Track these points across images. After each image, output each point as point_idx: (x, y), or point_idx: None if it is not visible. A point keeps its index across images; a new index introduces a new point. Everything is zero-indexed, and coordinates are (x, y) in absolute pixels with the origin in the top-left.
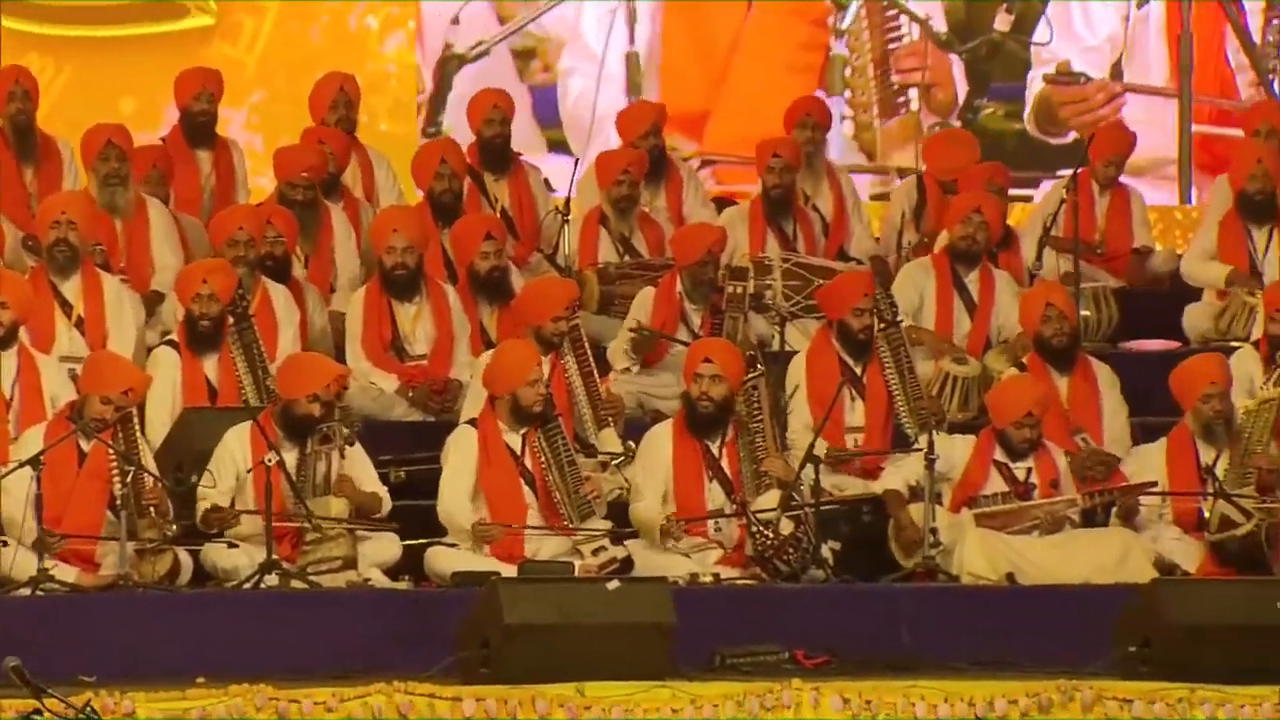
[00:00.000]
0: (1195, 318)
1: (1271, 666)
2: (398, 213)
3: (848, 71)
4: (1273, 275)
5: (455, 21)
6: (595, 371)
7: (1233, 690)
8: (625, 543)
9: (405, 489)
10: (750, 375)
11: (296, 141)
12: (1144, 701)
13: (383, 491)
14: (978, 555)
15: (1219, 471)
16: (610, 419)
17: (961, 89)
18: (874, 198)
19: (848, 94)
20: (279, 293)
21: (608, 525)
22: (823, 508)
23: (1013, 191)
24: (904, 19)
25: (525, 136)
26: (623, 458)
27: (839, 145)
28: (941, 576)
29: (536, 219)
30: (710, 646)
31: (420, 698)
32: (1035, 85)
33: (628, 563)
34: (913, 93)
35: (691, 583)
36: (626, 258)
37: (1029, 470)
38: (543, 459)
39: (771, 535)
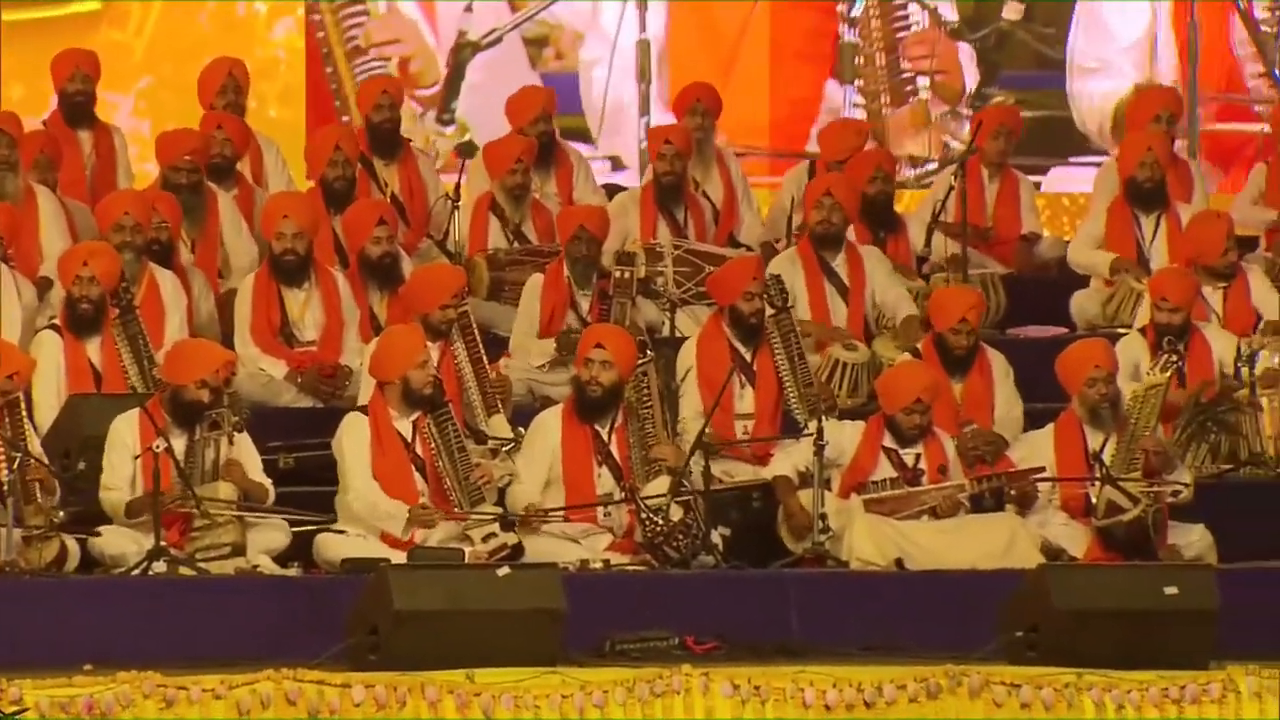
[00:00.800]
0: (1082, 304)
1: (1157, 651)
2: (288, 198)
3: (858, 60)
4: (1160, 262)
5: (469, 9)
6: (485, 358)
7: (1119, 675)
8: (516, 529)
9: (294, 475)
10: (640, 361)
11: (188, 127)
12: (1031, 686)
13: (267, 482)
14: (866, 541)
15: (1106, 457)
16: (499, 400)
17: (971, 77)
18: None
19: (858, 82)
20: (165, 278)
21: (499, 511)
22: (712, 494)
23: (1034, 179)
24: (913, 7)
25: None
26: (513, 444)
27: None
28: (830, 562)
29: (427, 205)
30: (600, 632)
31: (309, 685)
32: (1079, 96)
33: (518, 549)
34: (922, 81)
35: (582, 569)
36: (516, 244)
37: (918, 456)
38: (433, 445)
39: (661, 521)
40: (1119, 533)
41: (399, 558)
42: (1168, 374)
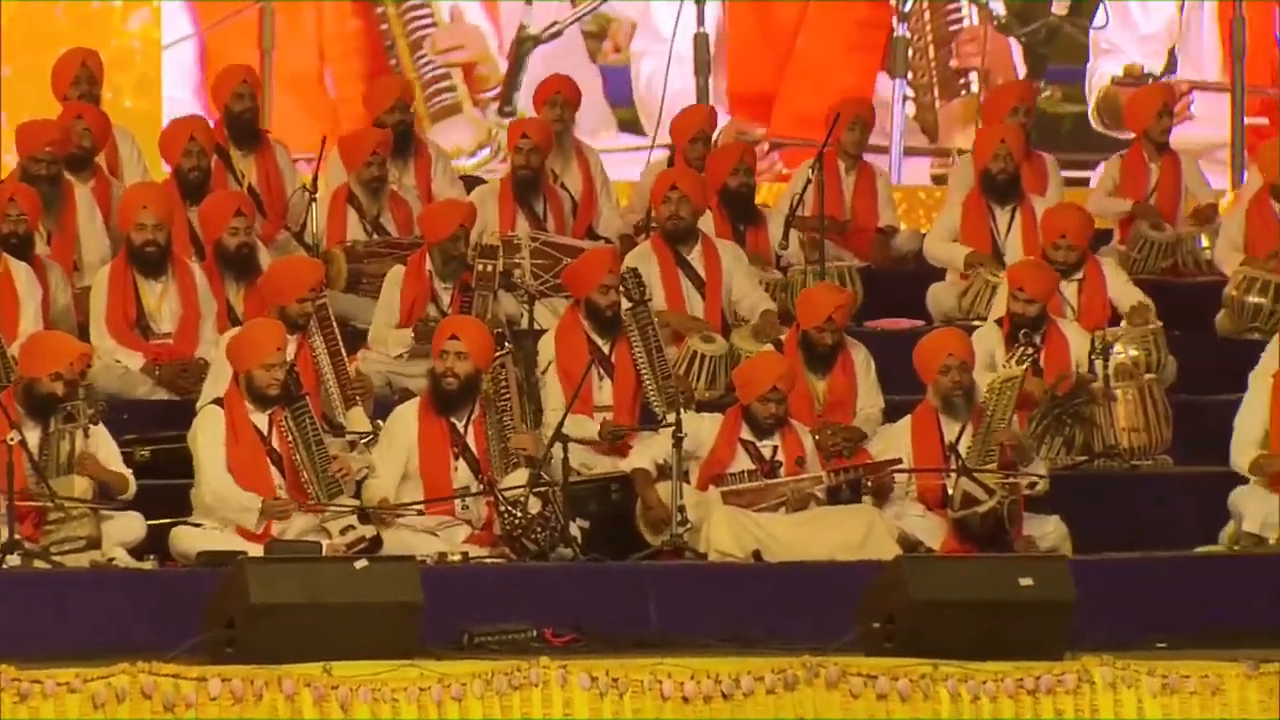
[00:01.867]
0: (939, 296)
1: (1013, 642)
2: (145, 189)
3: (909, 53)
4: (1014, 254)
5: (529, 2)
6: (343, 351)
7: (975, 666)
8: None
9: (150, 468)
10: (498, 353)
11: (44, 118)
12: (888, 678)
13: (127, 472)
14: (724, 533)
15: (962, 449)
16: (358, 398)
17: (1020, 72)
18: (935, 179)
19: (909, 75)
20: (21, 270)
21: (356, 504)
22: (571, 486)
23: (1071, 175)
24: (963, 2)
25: (596, 116)
26: (371, 437)
27: (900, 127)
28: (689, 554)
29: (284, 197)
30: (458, 625)
31: (165, 678)
32: (1096, 75)
33: (376, 541)
34: (973, 75)
35: (440, 561)
36: (375, 236)
37: (775, 448)
38: (290, 438)
39: (519, 514)
40: (975, 524)
41: (256, 551)
42: (1023, 366)
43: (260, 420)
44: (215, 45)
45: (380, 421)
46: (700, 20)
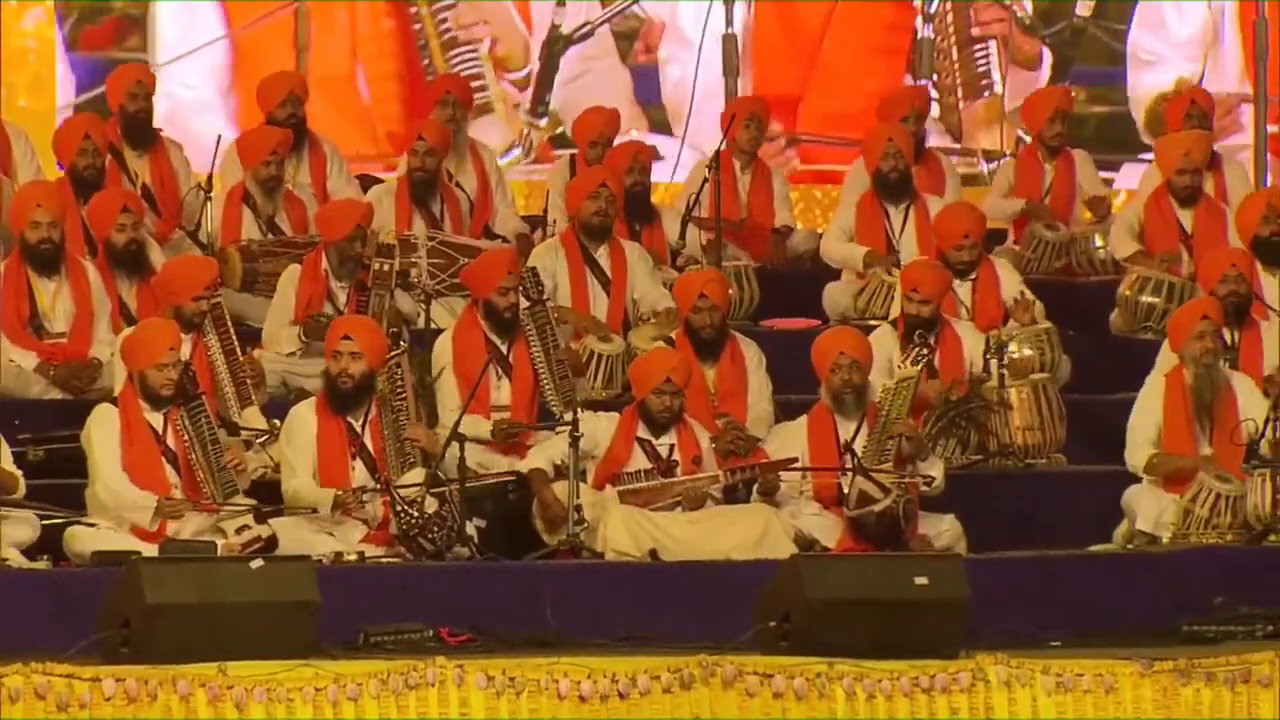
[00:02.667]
0: (835, 296)
1: (908, 641)
2: (39, 188)
3: (934, 55)
4: (909, 254)
5: (561, 3)
6: (238, 350)
7: (870, 664)
8: (269, 521)
9: (44, 468)
10: (393, 353)
11: None
12: (784, 676)
13: (19, 473)
14: (621, 532)
15: (858, 448)
16: (253, 387)
17: (1044, 74)
18: (964, 180)
19: (934, 76)
20: None
21: (252, 503)
22: (467, 486)
23: (1104, 175)
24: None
25: (627, 117)
26: (267, 435)
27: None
28: (585, 554)
29: (178, 195)
30: (354, 625)
31: (59, 679)
32: (1141, 87)
33: (272, 541)
34: (996, 75)
35: (336, 561)
36: (270, 235)
37: (671, 447)
38: (185, 437)
39: (416, 513)
40: (870, 523)
41: (151, 550)
42: (918, 367)
43: (155, 419)
44: (249, 46)
45: (276, 420)
46: (729, 22)
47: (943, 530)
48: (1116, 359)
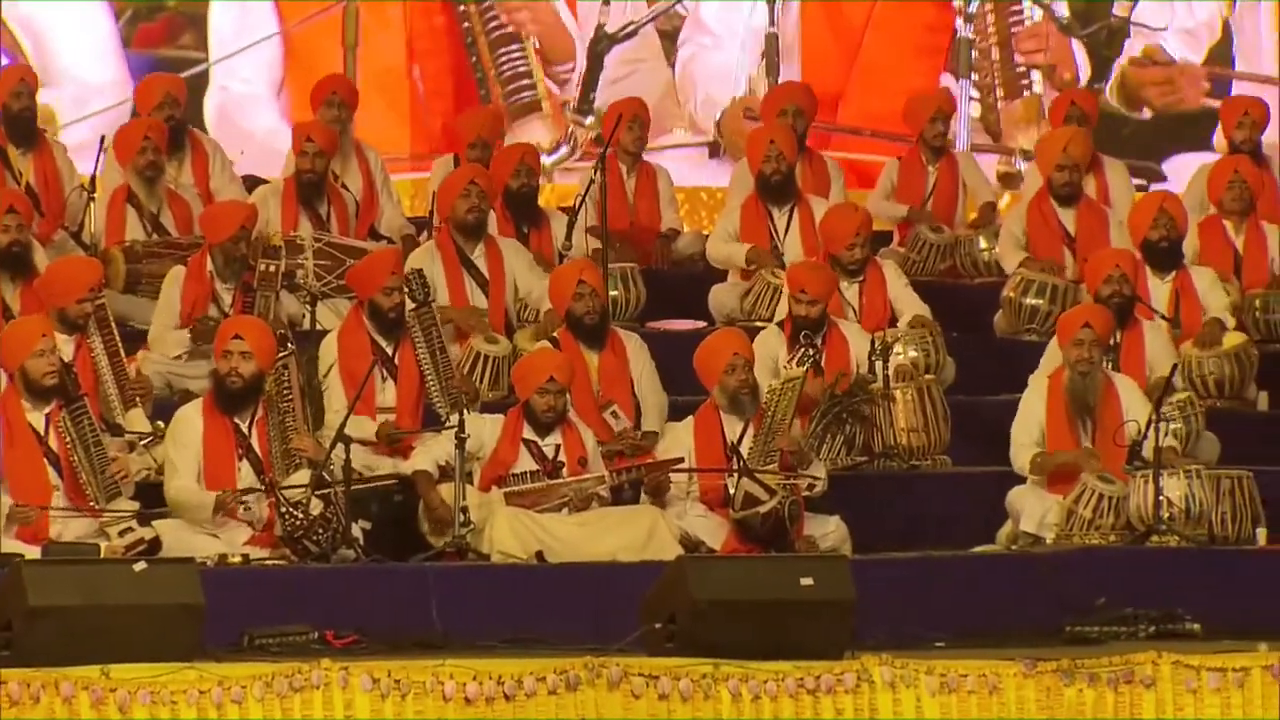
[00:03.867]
0: (721, 298)
1: (794, 642)
2: None
3: (973, 54)
4: (793, 255)
5: (606, 2)
6: (122, 352)
7: (756, 665)
8: (153, 523)
9: None
10: (281, 354)
11: None
12: (669, 677)
13: None
14: (507, 534)
15: (744, 450)
16: (139, 399)
17: (1083, 73)
18: (1000, 178)
19: (973, 76)
20: None
21: (136, 506)
22: (353, 487)
23: (1138, 181)
24: (1026, 2)
25: (669, 116)
26: (151, 438)
27: (964, 127)
28: (471, 555)
29: (62, 196)
30: (239, 627)
31: None
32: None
33: (155, 544)
34: (1036, 74)
35: (220, 563)
36: (155, 235)
37: (557, 448)
38: (67, 439)
39: (301, 515)
40: (756, 524)
41: (34, 553)
42: (804, 368)
43: (37, 420)
44: (300, 43)
45: (161, 423)
46: (772, 20)
47: (828, 531)
48: (1000, 361)
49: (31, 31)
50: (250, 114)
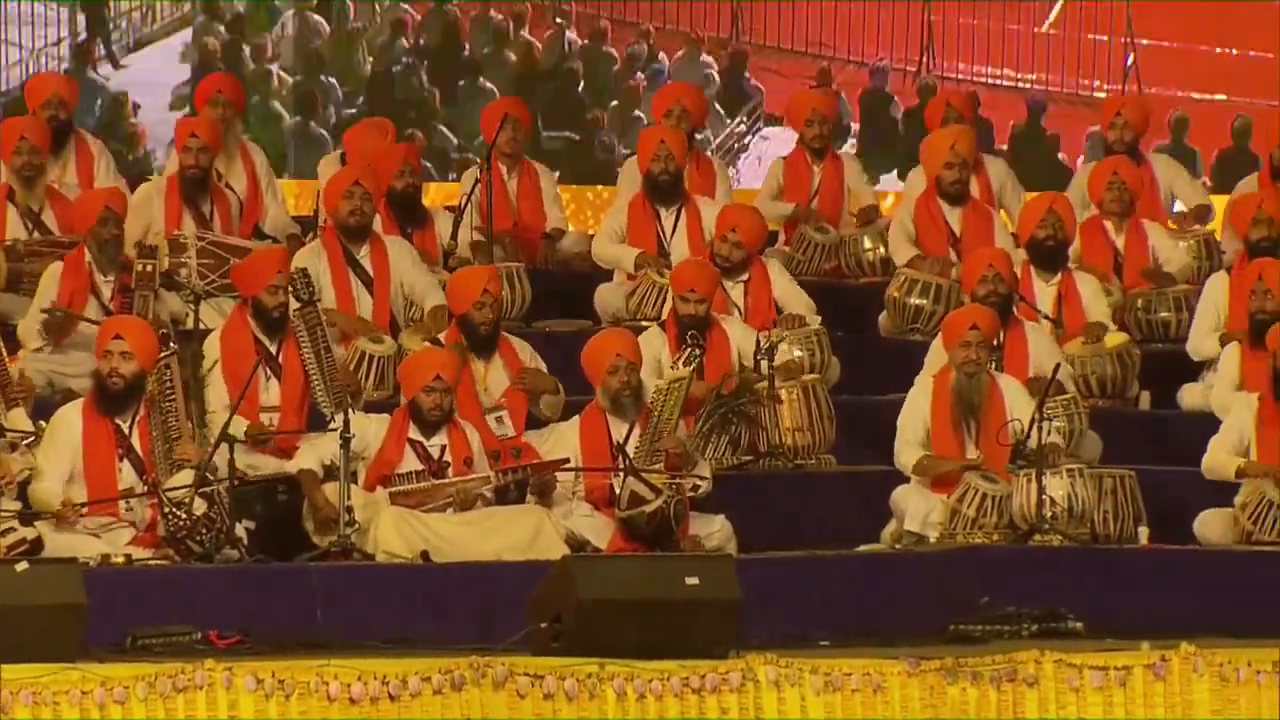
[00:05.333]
0: (606, 298)
1: (679, 641)
2: None
3: None
4: (680, 255)
5: None
6: (4, 351)
7: (641, 665)
8: (35, 523)
9: None
10: (163, 354)
11: None
12: (555, 677)
13: None
14: (392, 534)
15: (630, 449)
16: (20, 400)
17: None
18: None
19: None
20: None
21: (18, 506)
22: (237, 487)
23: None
24: None
25: None
26: (33, 437)
27: None
28: (356, 555)
29: None
30: (122, 627)
31: None
32: None
33: (38, 544)
34: None
35: (103, 563)
36: (36, 234)
37: (443, 448)
38: None
39: (184, 515)
40: (641, 524)
41: None
42: (690, 368)
43: None
44: None
45: (43, 422)
46: None
47: (714, 531)
48: (885, 360)
49: None
50: None
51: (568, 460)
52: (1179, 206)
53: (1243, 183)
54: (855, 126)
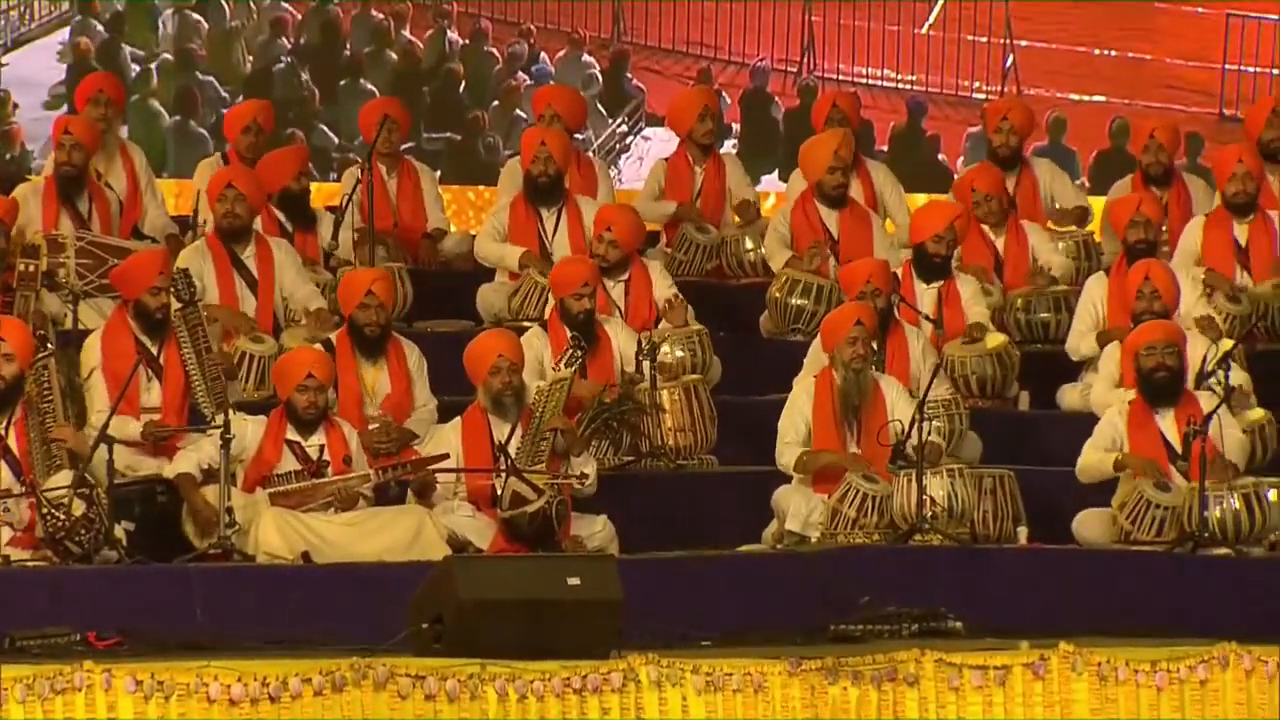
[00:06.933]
0: (489, 298)
1: (561, 641)
2: None
3: None
4: (561, 255)
5: None
6: None
7: (522, 665)
8: None
9: None
10: (40, 354)
11: None
12: (436, 678)
13: None
14: (273, 534)
15: (511, 449)
16: None
17: None
18: None
19: None
20: None
21: None
22: (116, 488)
23: None
24: None
25: None
26: None
27: None
28: (237, 556)
29: None
30: (0, 629)
31: None
32: None
33: None
34: None
35: None
36: None
37: (321, 447)
38: None
39: (63, 516)
40: (523, 524)
41: None
42: (572, 369)
43: None
44: None
45: None
46: None
47: (595, 531)
48: (766, 360)
49: None
50: None
51: (447, 456)
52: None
53: (1118, 184)
54: (736, 127)
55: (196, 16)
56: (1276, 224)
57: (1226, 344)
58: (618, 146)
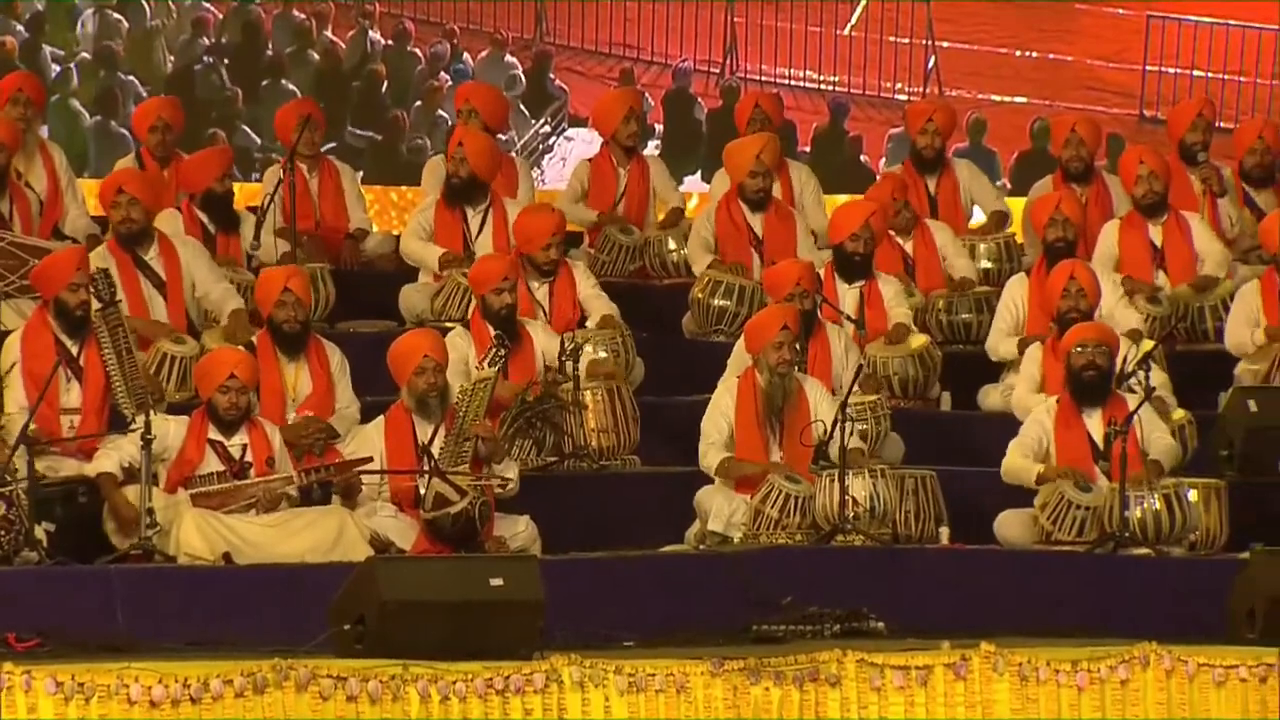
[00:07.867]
0: (411, 298)
1: (484, 642)
2: None
3: None
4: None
5: None
6: None
7: (445, 666)
8: None
9: None
10: None
11: None
12: (358, 679)
13: None
14: (194, 535)
15: (435, 450)
16: None
17: None
18: None
19: None
20: None
21: None
22: (36, 489)
23: None
24: None
25: None
26: None
27: None
28: (158, 557)
29: None
30: None
31: None
32: None
33: None
34: None
35: None
36: None
37: (244, 448)
38: None
39: None
40: (446, 525)
41: None
42: (495, 368)
43: None
44: None
45: None
46: None
47: (518, 532)
48: (689, 361)
49: None
50: None
51: (371, 459)
52: (978, 212)
53: (1039, 184)
54: (659, 128)
55: (117, 16)
56: (1193, 225)
57: (1147, 345)
58: (540, 147)
